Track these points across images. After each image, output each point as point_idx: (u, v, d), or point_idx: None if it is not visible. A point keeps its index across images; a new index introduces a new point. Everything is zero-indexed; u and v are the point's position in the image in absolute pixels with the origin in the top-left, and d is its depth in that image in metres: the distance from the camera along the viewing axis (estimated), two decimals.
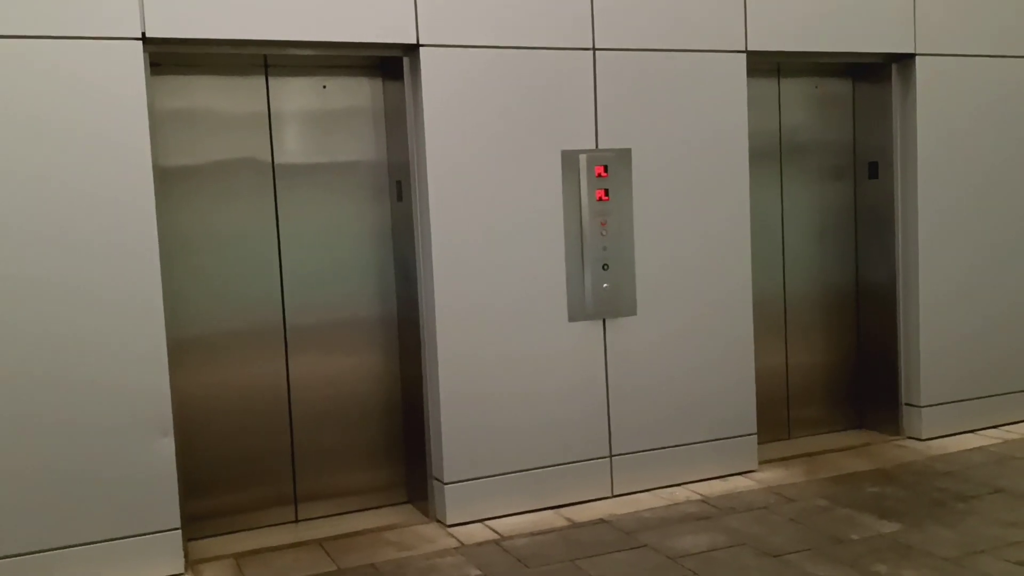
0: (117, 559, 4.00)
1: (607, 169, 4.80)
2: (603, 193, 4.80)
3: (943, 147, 5.73)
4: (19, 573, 3.86)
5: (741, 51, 5.12)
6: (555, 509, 4.79)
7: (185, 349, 4.41)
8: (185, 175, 4.52)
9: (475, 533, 4.51)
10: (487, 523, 4.63)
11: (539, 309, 4.74)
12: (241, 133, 4.64)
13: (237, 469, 4.69)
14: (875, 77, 5.83)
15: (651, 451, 5.03)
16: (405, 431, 4.95)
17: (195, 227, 4.54)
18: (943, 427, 5.82)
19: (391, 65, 4.67)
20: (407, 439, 4.94)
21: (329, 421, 4.84)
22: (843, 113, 6.02)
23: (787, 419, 5.97)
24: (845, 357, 6.10)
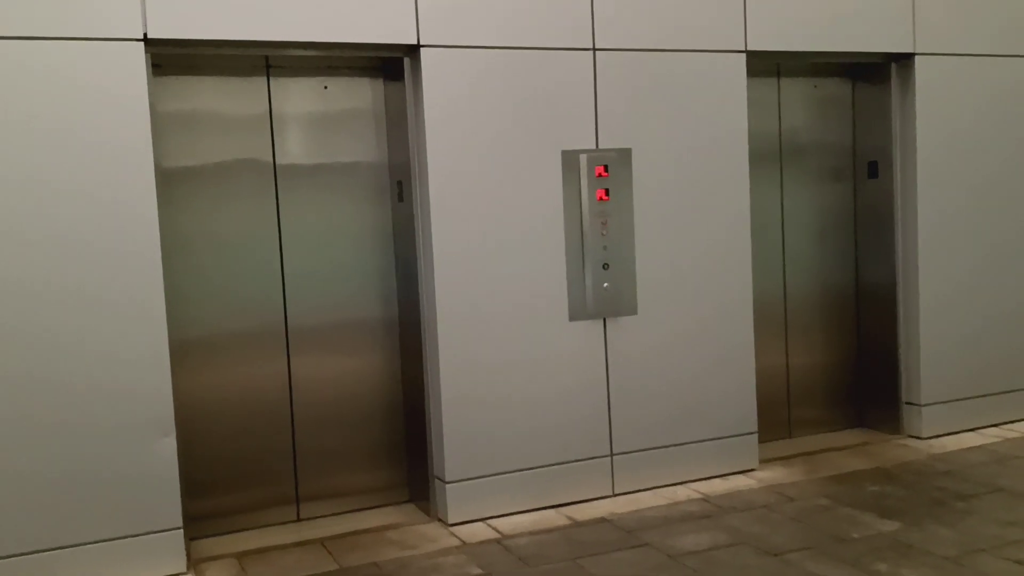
0: (120, 558, 4.01)
1: (607, 169, 4.81)
2: (603, 193, 4.81)
3: (943, 147, 5.73)
4: (22, 572, 3.87)
5: (741, 51, 5.13)
6: (556, 508, 4.79)
7: (187, 350, 4.42)
8: (187, 176, 4.53)
9: (477, 532, 4.52)
10: (489, 522, 4.63)
11: (540, 309, 4.75)
12: (243, 134, 4.65)
13: (239, 469, 4.70)
14: (875, 77, 5.83)
15: (652, 450, 5.04)
16: (407, 431, 4.96)
17: (197, 228, 4.54)
18: (943, 426, 5.82)
19: (392, 66, 4.68)
20: (409, 438, 4.95)
21: (331, 421, 4.85)
22: (843, 113, 6.02)
23: (788, 418, 5.97)
24: (845, 356, 6.10)
